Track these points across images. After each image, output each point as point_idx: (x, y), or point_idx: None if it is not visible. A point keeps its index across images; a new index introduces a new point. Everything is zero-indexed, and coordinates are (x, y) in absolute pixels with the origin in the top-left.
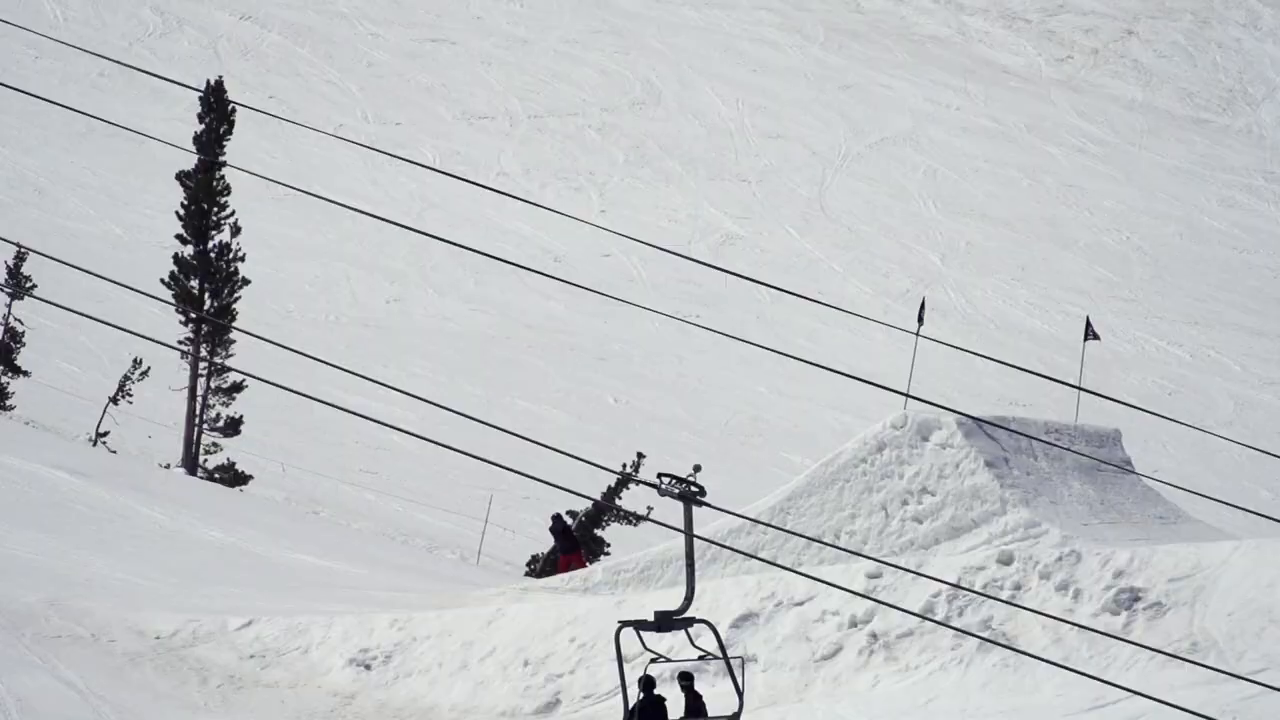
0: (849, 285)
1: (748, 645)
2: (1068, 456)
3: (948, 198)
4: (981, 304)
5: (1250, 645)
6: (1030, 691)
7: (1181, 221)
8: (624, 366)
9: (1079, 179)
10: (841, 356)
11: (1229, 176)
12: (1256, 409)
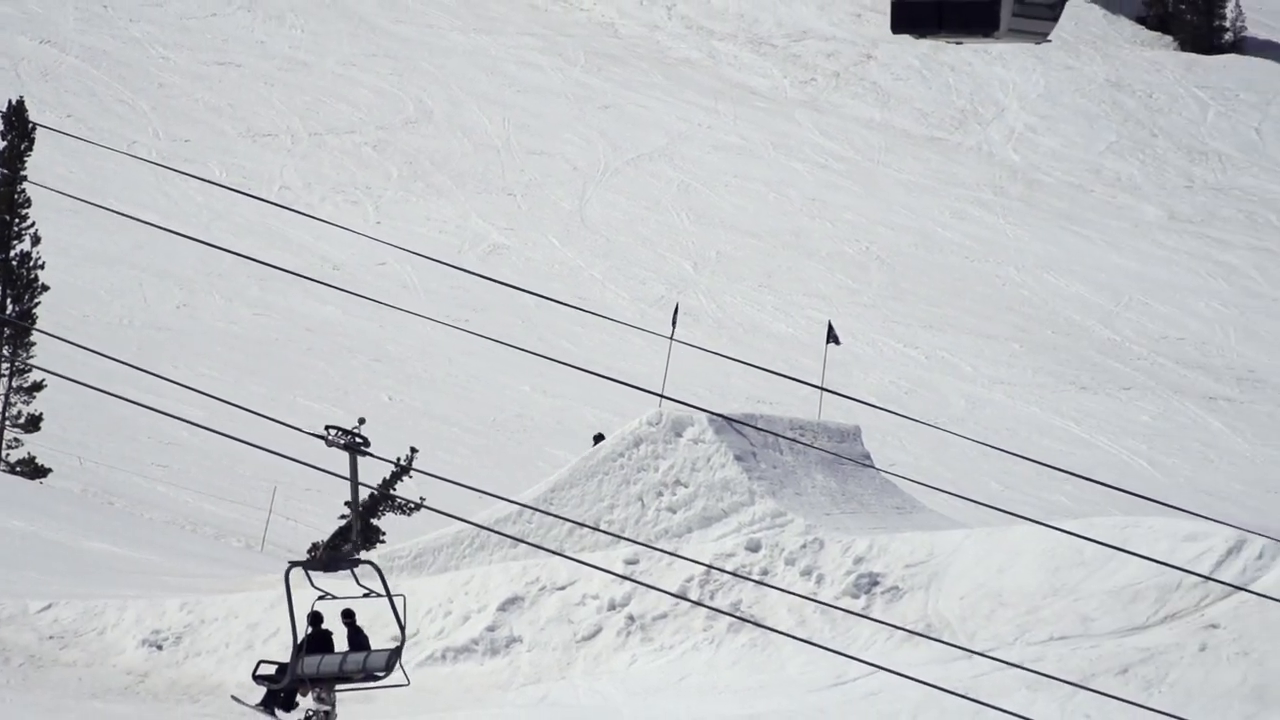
0: (608, 292)
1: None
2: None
3: (699, 210)
4: (731, 309)
5: (981, 626)
6: (777, 669)
7: (917, 232)
8: (398, 367)
9: (821, 193)
10: (601, 358)
11: (960, 190)
12: (986, 407)
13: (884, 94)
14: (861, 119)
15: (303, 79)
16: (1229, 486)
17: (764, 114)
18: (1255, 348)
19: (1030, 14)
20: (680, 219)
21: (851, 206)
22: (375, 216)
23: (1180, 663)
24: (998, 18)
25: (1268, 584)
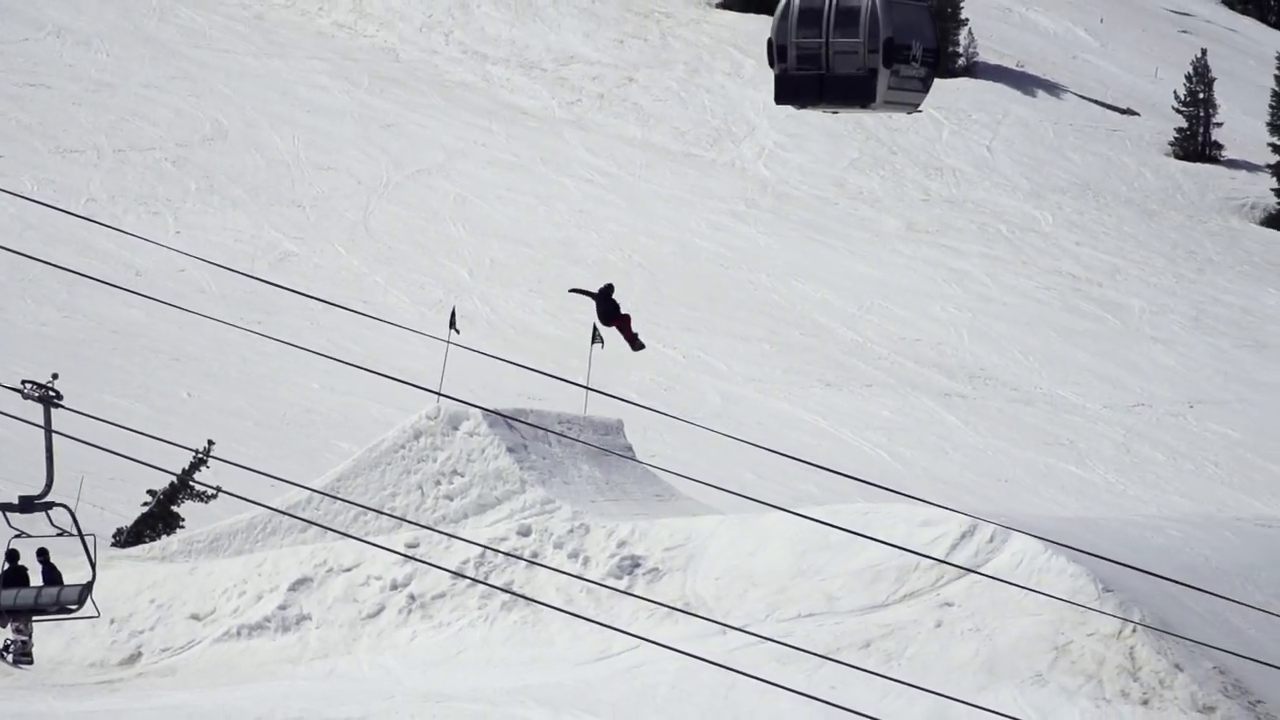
0: (390, 296)
1: (303, 605)
2: (578, 444)
3: (474, 221)
4: (504, 312)
5: (735, 604)
6: (546, 644)
7: (675, 242)
8: (196, 366)
9: (587, 205)
10: (384, 357)
11: (715, 203)
12: (740, 403)
13: (645, 114)
14: (624, 137)
15: (108, 99)
16: (962, 476)
17: (534, 132)
18: (986, 348)
19: (903, 87)
20: (457, 229)
21: (615, 218)
22: (175, 226)
23: (918, 638)
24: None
25: (998, 566)
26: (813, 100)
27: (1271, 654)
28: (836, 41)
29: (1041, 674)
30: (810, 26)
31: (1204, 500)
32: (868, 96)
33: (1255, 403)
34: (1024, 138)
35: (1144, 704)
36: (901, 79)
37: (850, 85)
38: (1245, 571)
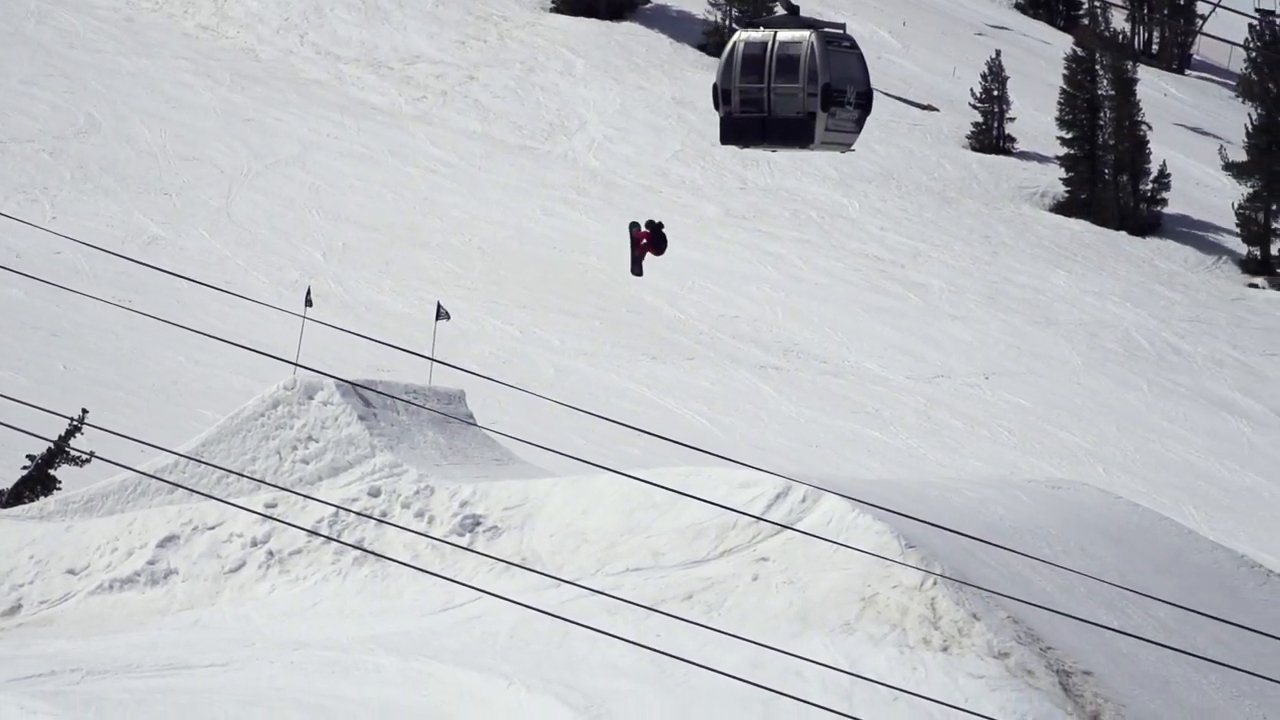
0: (250, 276)
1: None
2: (423, 412)
3: (328, 208)
4: (355, 291)
5: (568, 559)
6: (394, 597)
7: (513, 227)
8: (72, 341)
9: (432, 193)
10: (245, 333)
11: (549, 191)
12: (572, 374)
13: (484, 110)
14: (465, 131)
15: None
16: (777, 442)
17: (383, 126)
18: (799, 324)
19: (839, 129)
20: (311, 215)
21: (457, 205)
22: (52, 212)
23: (736, 590)
24: (813, 134)
25: (810, 523)
26: (755, 141)
27: (1060, 604)
28: (777, 87)
29: (850, 623)
30: (753, 73)
31: (998, 464)
32: (807, 138)
33: (1044, 374)
34: None
35: (944, 651)
36: (838, 121)
37: (790, 127)
38: (1036, 529)
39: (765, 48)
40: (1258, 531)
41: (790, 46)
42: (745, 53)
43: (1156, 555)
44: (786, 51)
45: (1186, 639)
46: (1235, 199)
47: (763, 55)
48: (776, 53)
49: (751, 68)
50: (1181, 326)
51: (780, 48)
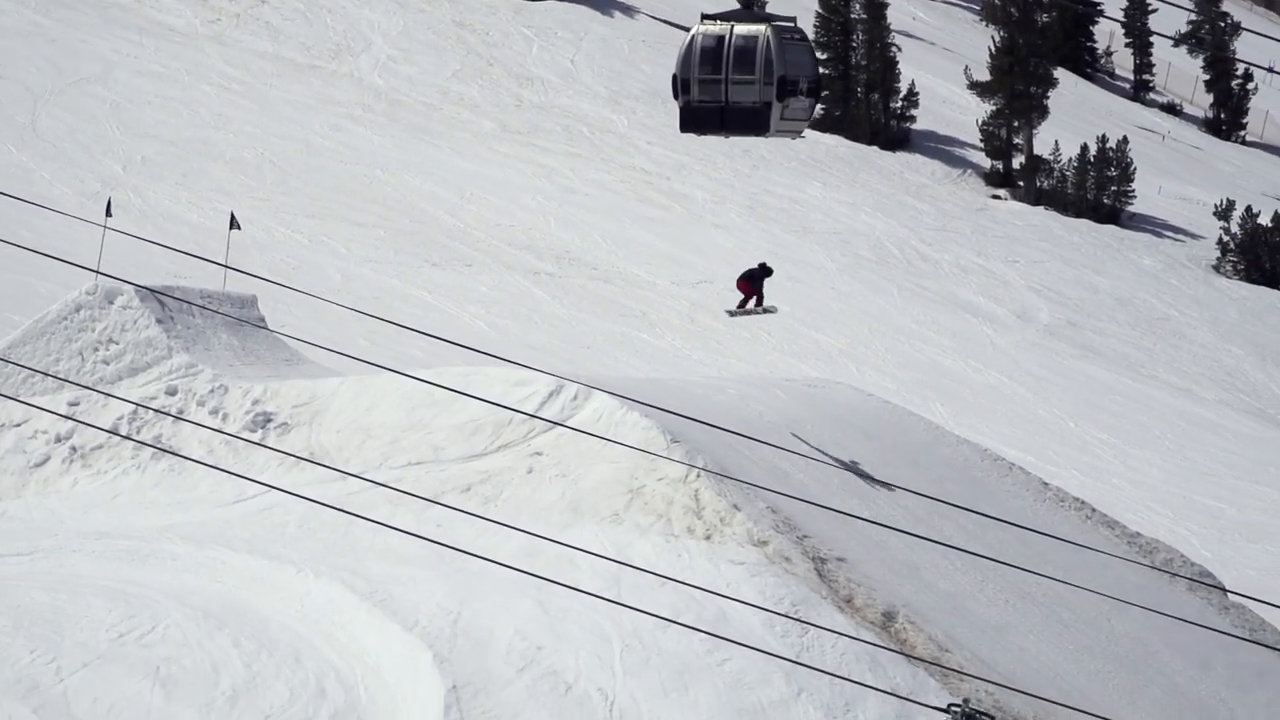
0: (55, 188)
1: None
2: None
3: (128, 124)
4: (154, 203)
5: (353, 454)
6: (190, 489)
7: (302, 141)
8: None
9: (225, 110)
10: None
11: (337, 108)
12: (357, 280)
13: (275, 31)
14: (257, 51)
15: None
16: (550, 343)
17: (179, 47)
18: (571, 233)
19: (792, 117)
20: (112, 130)
21: (250, 121)
22: None
23: (512, 483)
24: (769, 123)
25: (580, 420)
26: (714, 129)
27: (816, 495)
28: (735, 78)
29: (618, 513)
30: (711, 64)
31: (758, 364)
32: (763, 126)
33: (801, 279)
34: (603, 52)
35: (707, 539)
36: (791, 110)
37: (747, 116)
38: (793, 425)
39: (722, 40)
40: (1000, 426)
41: (747, 40)
42: (703, 45)
43: (906, 449)
44: (743, 44)
45: (934, 527)
46: (979, 116)
47: (720, 48)
48: (734, 45)
49: (709, 59)
50: (929, 235)
51: (737, 40)
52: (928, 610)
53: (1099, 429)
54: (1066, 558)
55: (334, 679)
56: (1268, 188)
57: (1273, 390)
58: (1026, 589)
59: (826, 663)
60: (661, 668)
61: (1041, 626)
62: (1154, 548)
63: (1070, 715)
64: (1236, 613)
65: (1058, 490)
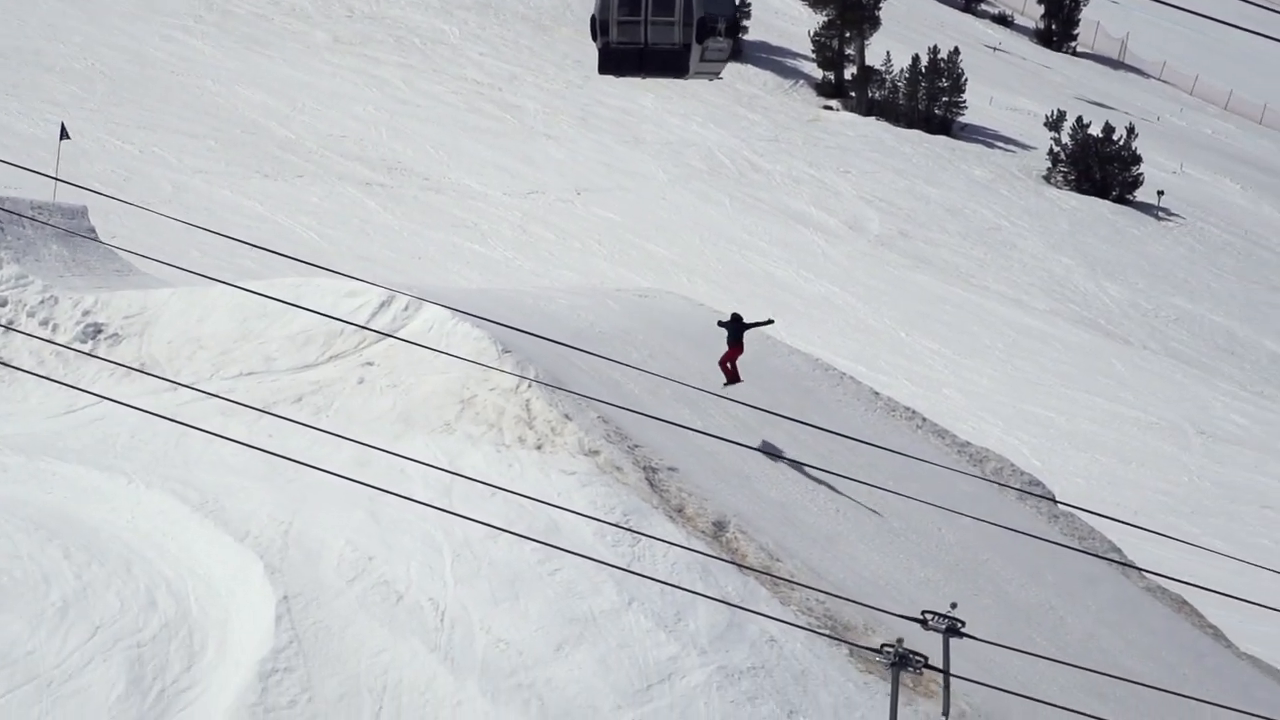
0: None
1: None
2: (48, 227)
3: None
4: None
5: (185, 365)
6: (21, 400)
7: (133, 52)
8: None
9: (55, 20)
10: None
11: (168, 19)
12: (189, 191)
13: None
14: None
15: None
16: (382, 254)
17: None
18: (402, 143)
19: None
20: None
21: (80, 31)
22: None
23: (343, 393)
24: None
25: (411, 331)
26: (633, 70)
27: (647, 405)
28: (654, 19)
29: (450, 423)
30: (629, 6)
31: (589, 274)
32: (682, 68)
33: (632, 190)
34: None
35: (538, 449)
36: (710, 51)
37: (666, 58)
38: (624, 335)
39: None
40: (831, 337)
41: None
42: None
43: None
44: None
45: (766, 437)
46: (811, 27)
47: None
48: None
49: (628, 1)
50: (761, 146)
51: None
52: (758, 520)
53: (930, 339)
54: (897, 467)
55: (165, 590)
56: (1098, 99)
57: (1102, 300)
58: (857, 498)
59: (658, 572)
60: (492, 577)
61: (872, 535)
62: (984, 457)
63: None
64: (1066, 521)
65: (888, 400)
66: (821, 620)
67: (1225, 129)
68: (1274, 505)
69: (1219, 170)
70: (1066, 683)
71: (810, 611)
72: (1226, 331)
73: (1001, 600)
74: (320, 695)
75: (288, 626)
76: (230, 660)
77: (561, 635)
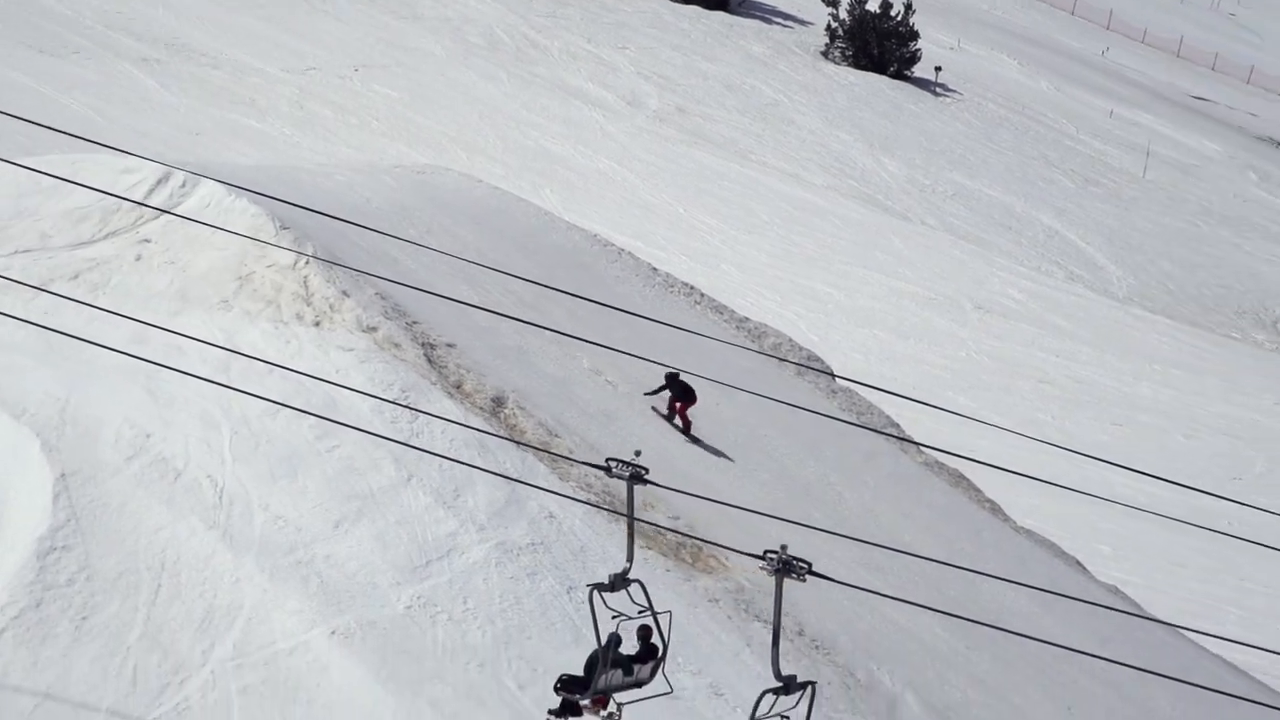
0: None
1: None
2: None
3: None
4: None
5: None
6: None
7: None
8: None
9: None
10: None
11: None
12: None
13: None
14: None
15: None
16: (159, 130)
17: None
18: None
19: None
20: None
21: None
22: None
23: (120, 270)
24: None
25: (189, 207)
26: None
27: (425, 281)
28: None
29: (228, 300)
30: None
31: (367, 151)
32: None
33: (412, 67)
34: None
35: (316, 325)
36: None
37: None
38: (402, 211)
39: None
40: (610, 212)
41: None
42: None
43: (515, 235)
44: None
45: (544, 313)
46: None
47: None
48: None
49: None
50: (539, 22)
51: None
52: (537, 396)
53: (708, 214)
54: (676, 343)
55: None
56: None
57: (880, 176)
58: (635, 374)
59: (436, 448)
60: (271, 454)
61: (649, 411)
62: (762, 332)
63: (678, 496)
64: (844, 396)
65: (667, 276)
66: (600, 496)
67: (1002, 4)
68: (1050, 380)
69: (996, 46)
70: (845, 557)
71: (589, 488)
72: (1004, 207)
73: (780, 475)
74: (99, 573)
75: (65, 504)
76: (6, 539)
77: (340, 512)
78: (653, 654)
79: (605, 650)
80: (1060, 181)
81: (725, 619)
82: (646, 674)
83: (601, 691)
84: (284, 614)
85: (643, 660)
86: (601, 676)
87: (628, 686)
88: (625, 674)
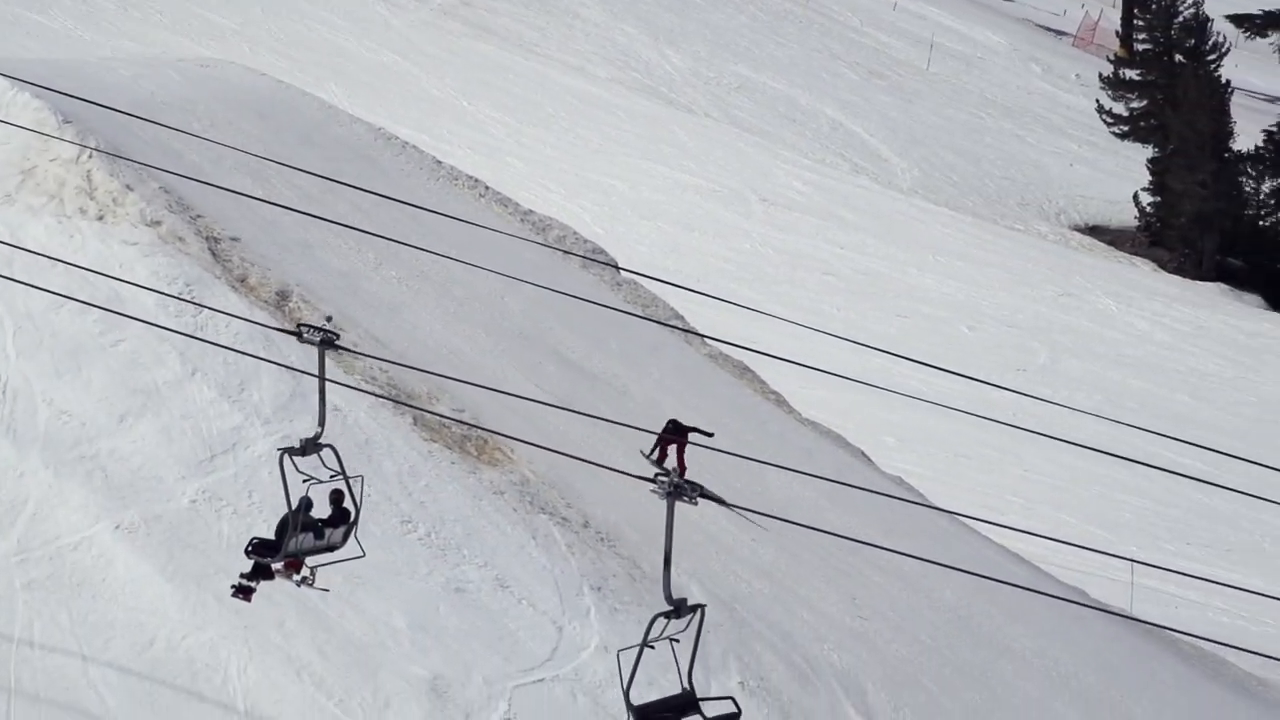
0: None
1: None
2: None
3: None
4: None
5: None
6: None
7: None
8: None
9: None
10: None
11: None
12: None
13: None
14: None
15: None
16: None
17: None
18: None
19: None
20: None
21: None
22: None
23: None
24: None
25: None
26: None
27: (209, 174)
28: None
29: (10, 195)
30: None
31: (151, 44)
32: None
33: None
34: None
35: (99, 219)
36: None
37: None
38: (187, 105)
39: None
40: (394, 106)
41: None
42: None
43: (299, 128)
44: None
45: (328, 206)
46: None
47: None
48: None
49: None
50: None
51: None
52: (322, 289)
53: (492, 107)
54: (460, 236)
55: None
56: None
57: (665, 69)
58: (421, 268)
59: (221, 341)
60: (55, 349)
61: (435, 304)
62: (547, 225)
63: (463, 389)
64: (629, 289)
65: (451, 169)
66: (385, 389)
67: None
68: (835, 271)
69: None
70: (629, 449)
71: (374, 380)
72: (788, 99)
73: (566, 367)
74: None
75: None
76: None
77: (124, 406)
78: (345, 518)
79: (295, 514)
80: (845, 74)
81: (510, 511)
82: (339, 538)
83: (293, 554)
84: (68, 509)
85: (334, 524)
86: (292, 540)
87: (319, 550)
88: (317, 538)
